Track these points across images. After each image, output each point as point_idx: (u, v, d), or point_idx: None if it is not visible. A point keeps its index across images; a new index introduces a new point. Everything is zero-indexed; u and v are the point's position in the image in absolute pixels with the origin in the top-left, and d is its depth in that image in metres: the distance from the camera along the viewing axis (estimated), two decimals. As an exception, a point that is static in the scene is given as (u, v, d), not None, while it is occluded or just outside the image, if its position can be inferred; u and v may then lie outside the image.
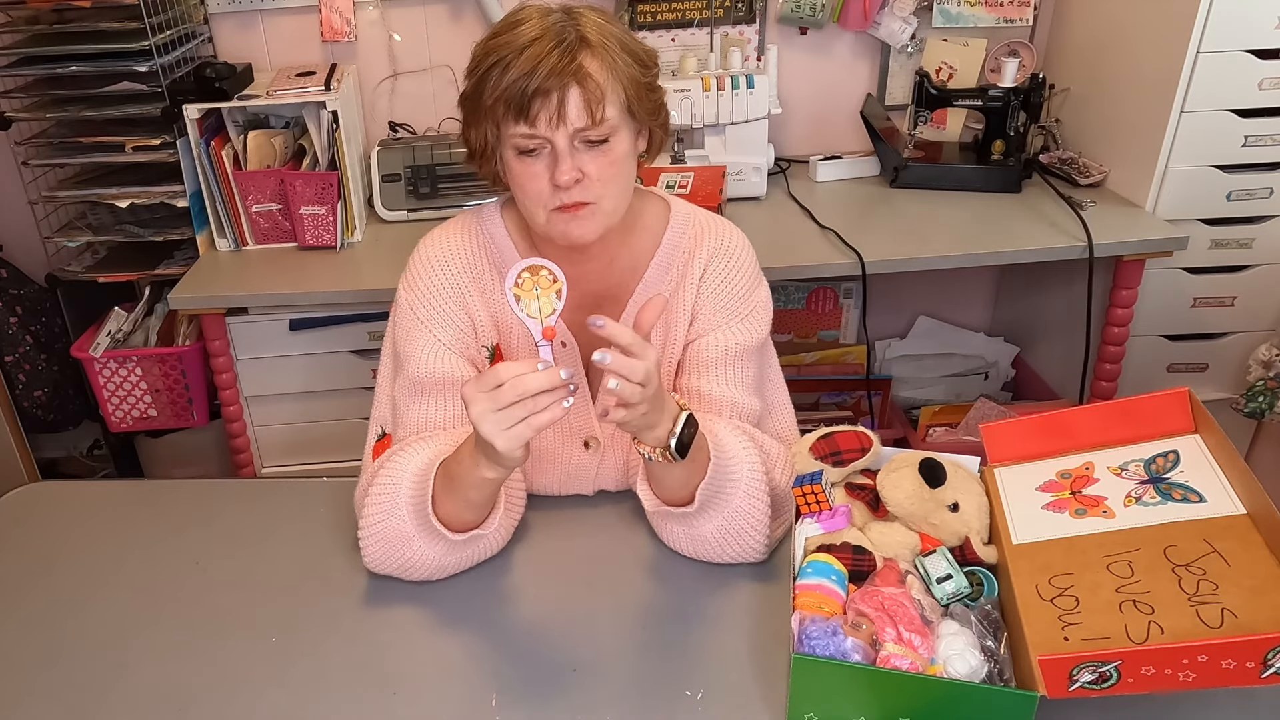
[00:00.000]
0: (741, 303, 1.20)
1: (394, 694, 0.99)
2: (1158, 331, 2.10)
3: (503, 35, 1.03)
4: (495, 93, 1.02)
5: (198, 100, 1.94)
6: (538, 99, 1.00)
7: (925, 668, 0.85)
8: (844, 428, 1.10)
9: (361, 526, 1.10)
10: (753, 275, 1.22)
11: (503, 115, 1.03)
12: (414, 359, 1.15)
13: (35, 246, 2.25)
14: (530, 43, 1.00)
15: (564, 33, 1.01)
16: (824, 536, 1.00)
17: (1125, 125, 2.03)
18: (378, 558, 1.10)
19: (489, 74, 1.02)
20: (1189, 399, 1.02)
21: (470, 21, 2.23)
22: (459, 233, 1.20)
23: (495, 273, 1.19)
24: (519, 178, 1.07)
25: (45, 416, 2.28)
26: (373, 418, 1.23)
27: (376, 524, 1.09)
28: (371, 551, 1.10)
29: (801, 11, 2.24)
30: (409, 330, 1.17)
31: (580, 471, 1.25)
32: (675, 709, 0.95)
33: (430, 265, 1.18)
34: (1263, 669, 0.74)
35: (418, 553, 1.09)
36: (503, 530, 1.14)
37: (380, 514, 1.08)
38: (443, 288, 1.17)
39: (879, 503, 1.04)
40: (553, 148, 1.04)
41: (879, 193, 2.22)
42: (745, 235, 1.25)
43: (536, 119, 1.01)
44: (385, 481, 1.09)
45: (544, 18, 1.04)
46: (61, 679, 1.03)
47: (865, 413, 2.40)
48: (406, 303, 1.18)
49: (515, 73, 1.00)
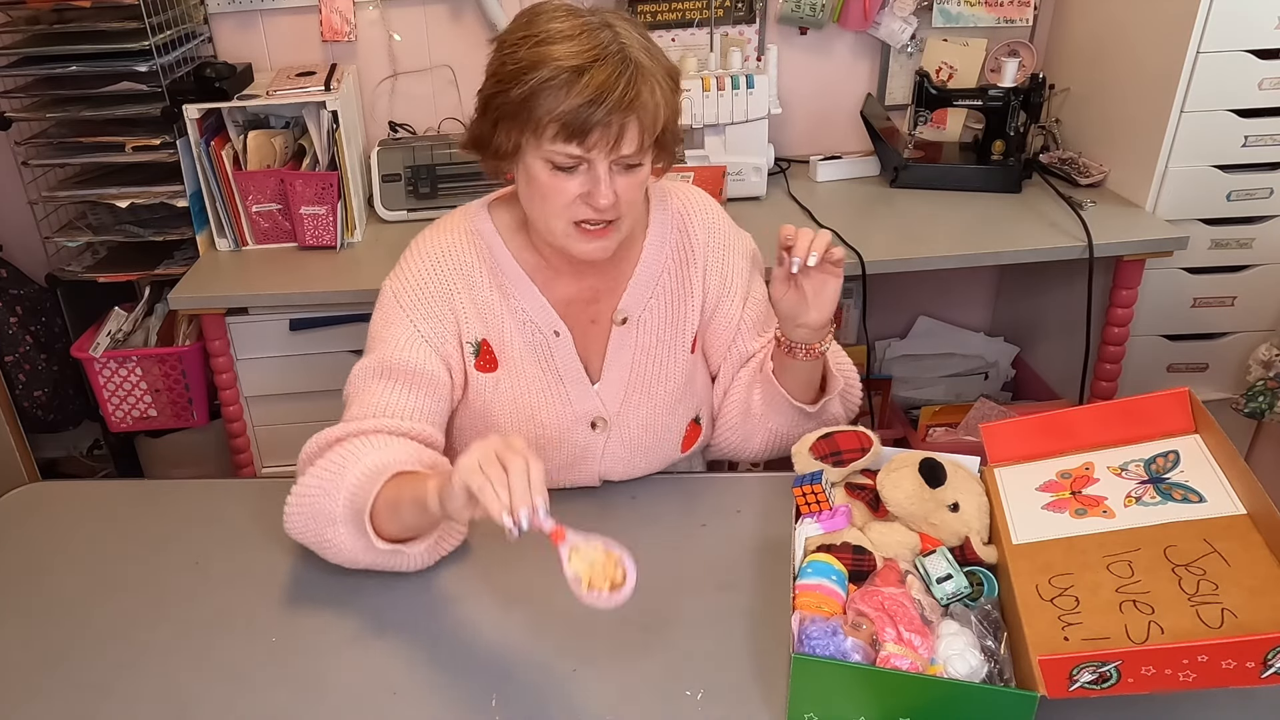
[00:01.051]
0: (739, 257, 1.28)
1: (394, 694, 0.99)
2: (1158, 331, 2.10)
3: (545, 45, 1.01)
4: (552, 113, 1.01)
5: (198, 100, 1.93)
6: (598, 129, 1.01)
7: (925, 668, 0.85)
8: (844, 428, 1.10)
9: (294, 490, 1.11)
10: (733, 231, 1.30)
11: (552, 134, 1.02)
12: (389, 343, 1.16)
13: (35, 246, 2.25)
14: (588, 64, 0.99)
15: (624, 63, 1.01)
16: (824, 536, 1.00)
17: (1125, 125, 2.03)
18: (298, 526, 1.11)
19: (542, 90, 1.01)
20: (1189, 399, 1.02)
21: (470, 21, 2.23)
22: (450, 232, 1.21)
23: (486, 271, 1.19)
24: (546, 190, 1.07)
25: (45, 416, 2.28)
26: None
27: (309, 496, 1.09)
28: (294, 519, 1.11)
29: (801, 11, 2.24)
30: (389, 316, 1.18)
31: (586, 454, 1.25)
32: (675, 709, 0.95)
33: (420, 259, 1.19)
34: (1263, 669, 0.74)
35: (338, 538, 1.08)
36: (427, 556, 1.12)
37: (317, 488, 1.08)
38: (431, 282, 1.18)
39: (879, 503, 1.04)
40: (590, 167, 1.04)
41: (879, 193, 2.22)
42: (705, 196, 1.30)
43: (591, 145, 1.02)
44: (336, 459, 1.08)
45: (591, 32, 1.02)
46: (62, 679, 1.03)
47: (865, 413, 2.40)
48: (392, 292, 1.19)
49: (578, 99, 0.99)
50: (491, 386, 1.21)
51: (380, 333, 1.18)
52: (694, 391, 1.29)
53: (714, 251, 1.26)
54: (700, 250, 1.25)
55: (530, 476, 0.86)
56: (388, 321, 1.18)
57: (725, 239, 1.27)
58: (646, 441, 1.26)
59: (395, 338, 1.17)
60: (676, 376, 1.25)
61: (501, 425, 1.22)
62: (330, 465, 1.08)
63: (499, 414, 1.22)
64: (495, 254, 1.19)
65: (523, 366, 1.21)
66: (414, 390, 1.16)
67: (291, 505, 1.11)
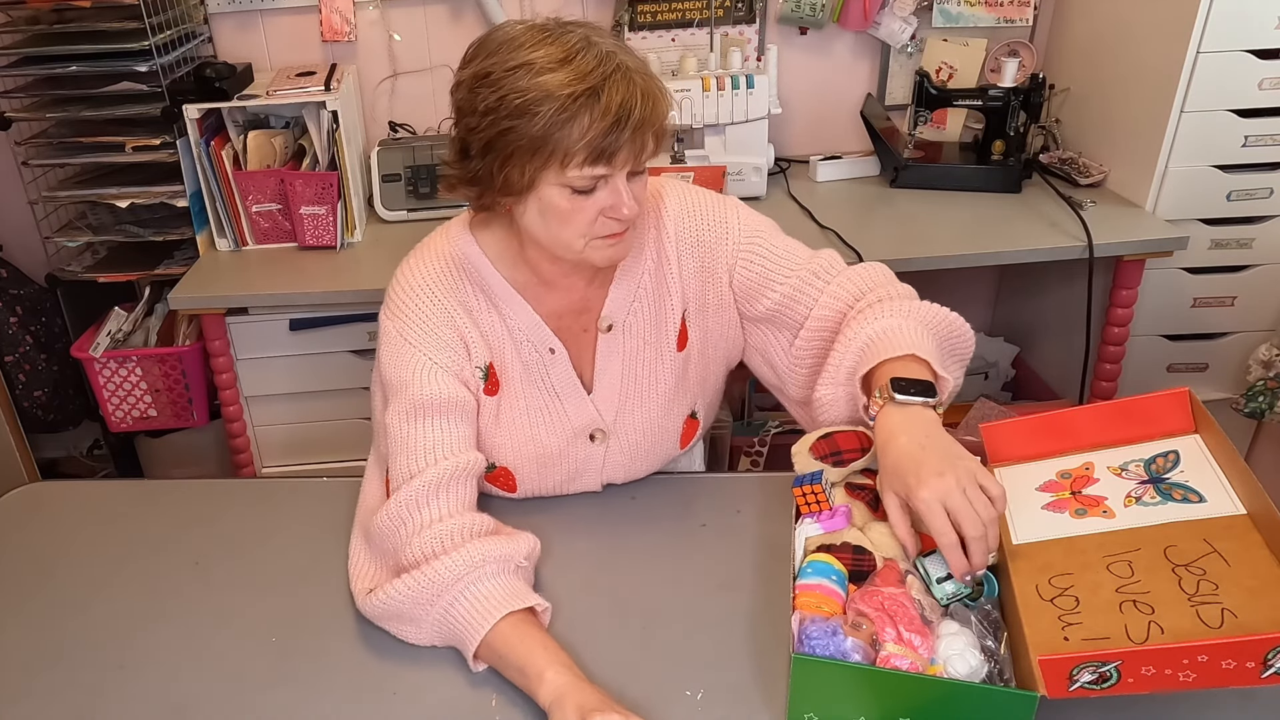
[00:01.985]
0: (721, 226, 1.22)
1: (394, 694, 0.99)
2: (1158, 331, 2.10)
3: (543, 74, 0.99)
4: (580, 141, 0.99)
5: (198, 100, 1.93)
6: (626, 149, 1.01)
7: (925, 668, 0.85)
8: (844, 427, 1.10)
9: (381, 590, 1.04)
10: (711, 204, 1.23)
11: (579, 161, 1.01)
12: (413, 384, 1.13)
13: (35, 246, 2.25)
14: (599, 85, 0.99)
15: (628, 76, 1.00)
16: (824, 536, 1.00)
17: (1125, 125, 2.03)
18: (377, 613, 1.06)
19: (560, 119, 0.99)
20: (1189, 399, 1.02)
21: (470, 21, 2.23)
22: (435, 259, 1.17)
23: (479, 293, 1.17)
24: (566, 215, 1.05)
25: (45, 416, 2.28)
26: (376, 452, 1.21)
27: (398, 599, 1.03)
28: (376, 608, 1.05)
29: (801, 11, 2.24)
30: (400, 356, 1.14)
31: (588, 465, 1.25)
32: (675, 709, 0.95)
33: (414, 292, 1.16)
34: (1263, 669, 0.74)
35: (417, 637, 1.05)
36: None
37: (409, 596, 1.02)
38: (431, 311, 1.15)
39: (879, 503, 1.04)
40: (607, 182, 1.04)
41: (879, 193, 2.21)
42: (676, 183, 1.25)
43: (619, 164, 1.03)
44: (436, 576, 1.02)
45: (581, 52, 1.00)
46: (62, 679, 1.03)
47: (865, 413, 2.40)
48: (396, 331, 1.15)
49: (603, 123, 0.99)
50: (494, 410, 1.20)
51: (397, 376, 1.14)
52: (687, 388, 1.28)
53: (684, 240, 1.21)
54: (671, 244, 1.21)
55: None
56: (401, 362, 1.14)
57: (694, 221, 1.22)
58: (645, 445, 1.25)
59: (416, 377, 1.13)
60: (667, 378, 1.24)
61: (502, 447, 1.21)
62: (429, 581, 1.03)
63: (500, 437, 1.20)
64: (484, 275, 1.16)
65: (521, 388, 1.20)
66: (452, 420, 1.14)
67: (378, 601, 1.04)
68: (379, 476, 1.19)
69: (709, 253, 1.22)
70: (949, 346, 1.17)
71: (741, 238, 1.22)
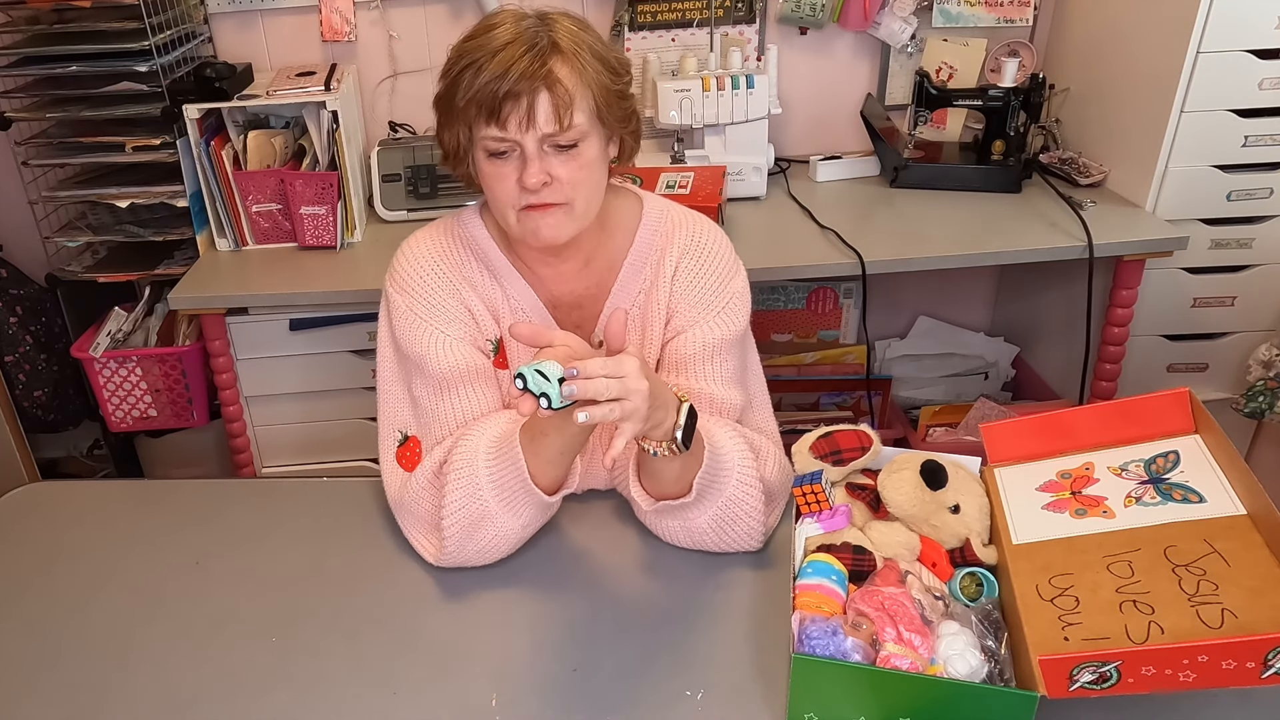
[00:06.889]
0: (717, 295, 1.20)
1: (394, 694, 0.99)
2: (1158, 331, 2.10)
3: (477, 38, 1.06)
4: (467, 94, 1.03)
5: (198, 100, 1.93)
6: (508, 102, 1.02)
7: (925, 668, 0.85)
8: (844, 427, 1.10)
9: (445, 517, 1.10)
10: (727, 267, 1.21)
11: (474, 117, 1.05)
12: (430, 358, 1.15)
13: (35, 246, 2.25)
14: (503, 46, 1.02)
15: (536, 38, 1.03)
16: (824, 536, 1.00)
17: (1125, 125, 2.03)
18: (455, 547, 1.11)
19: (461, 76, 1.04)
20: (1189, 399, 1.02)
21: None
22: (441, 234, 1.20)
23: (483, 269, 1.19)
24: (489, 179, 1.09)
25: (45, 416, 2.28)
26: (385, 421, 1.21)
27: (459, 509, 1.09)
28: (453, 541, 1.11)
29: (801, 11, 2.24)
30: (413, 331, 1.16)
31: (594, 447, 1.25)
32: (675, 709, 0.95)
33: (419, 265, 1.18)
34: (1263, 669, 0.74)
35: (499, 529, 1.10)
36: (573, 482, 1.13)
37: (463, 498, 1.09)
38: (437, 285, 1.17)
39: (879, 502, 1.04)
40: (522, 150, 1.05)
41: (879, 193, 2.21)
42: (719, 228, 1.25)
43: (507, 122, 1.03)
44: (461, 467, 1.09)
45: (518, 22, 1.05)
46: (61, 679, 1.03)
47: (865, 413, 2.40)
48: (405, 306, 1.17)
49: (487, 75, 1.02)
50: (505, 384, 1.20)
51: (413, 349, 1.16)
52: None
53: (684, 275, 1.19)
54: (669, 269, 1.19)
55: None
56: (415, 337, 1.16)
57: (706, 265, 1.20)
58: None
59: (432, 351, 1.15)
60: None
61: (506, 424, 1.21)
62: (460, 476, 1.09)
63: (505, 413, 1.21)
64: (486, 250, 1.19)
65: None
66: (476, 388, 1.16)
67: (449, 530, 1.10)
68: (391, 450, 1.20)
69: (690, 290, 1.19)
70: (724, 505, 1.10)
71: (715, 316, 1.18)
